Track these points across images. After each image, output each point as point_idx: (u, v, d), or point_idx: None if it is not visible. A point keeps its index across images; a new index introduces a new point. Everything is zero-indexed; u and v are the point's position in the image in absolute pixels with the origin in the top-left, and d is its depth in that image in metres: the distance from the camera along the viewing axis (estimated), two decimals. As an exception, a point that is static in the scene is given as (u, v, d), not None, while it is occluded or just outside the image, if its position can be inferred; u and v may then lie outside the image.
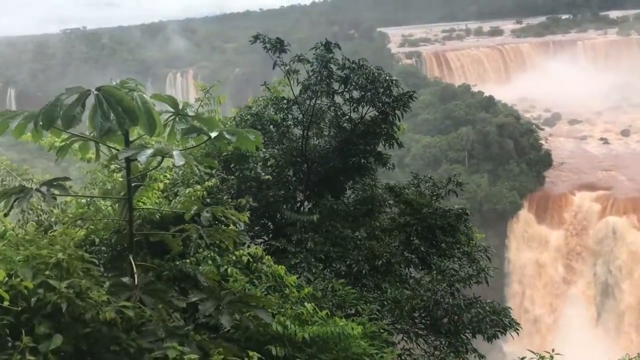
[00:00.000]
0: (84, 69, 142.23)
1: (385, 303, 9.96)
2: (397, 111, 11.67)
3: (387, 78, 11.48)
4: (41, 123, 4.85)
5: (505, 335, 11.04)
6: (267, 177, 10.53)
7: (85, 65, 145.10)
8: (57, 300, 4.26)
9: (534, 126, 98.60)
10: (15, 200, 4.91)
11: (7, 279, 4.22)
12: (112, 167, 8.77)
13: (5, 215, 5.96)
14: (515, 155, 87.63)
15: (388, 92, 11.43)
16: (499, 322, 10.74)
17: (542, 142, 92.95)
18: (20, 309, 4.14)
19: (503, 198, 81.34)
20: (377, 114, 11.83)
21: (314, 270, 9.77)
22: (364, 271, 10.47)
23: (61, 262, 4.63)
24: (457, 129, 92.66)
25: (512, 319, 11.17)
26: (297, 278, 7.82)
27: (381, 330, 8.22)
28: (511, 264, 79.64)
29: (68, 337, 4.27)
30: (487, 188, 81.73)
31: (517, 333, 11.03)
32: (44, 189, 5.04)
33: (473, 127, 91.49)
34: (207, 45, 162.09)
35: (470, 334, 10.72)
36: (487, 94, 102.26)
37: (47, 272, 4.57)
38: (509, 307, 11.57)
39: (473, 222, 12.68)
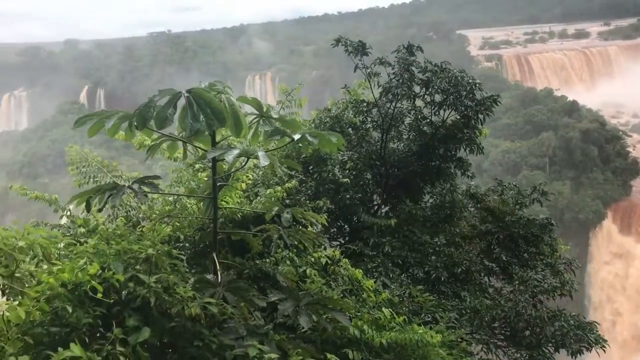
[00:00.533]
0: (168, 70, 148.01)
1: (464, 312, 9.70)
2: (480, 115, 11.37)
3: (470, 81, 11.21)
4: (135, 123, 5.03)
5: (590, 351, 10.49)
6: (345, 179, 10.52)
7: (170, 67, 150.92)
8: (146, 294, 4.41)
9: (620, 133, 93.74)
10: (108, 197, 5.12)
11: (100, 271, 4.39)
12: (197, 166, 9.05)
13: (99, 210, 6.25)
14: (600, 162, 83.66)
15: (471, 95, 11.16)
16: (584, 338, 10.22)
17: (630, 149, 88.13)
18: (112, 301, 4.31)
19: (586, 207, 77.80)
20: (458, 117, 11.58)
21: (390, 275, 9.67)
22: (442, 278, 10.25)
23: (150, 258, 4.80)
24: (538, 135, 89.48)
25: (599, 335, 10.61)
26: (374, 282, 7.75)
27: (460, 340, 8.02)
28: (592, 276, 75.92)
29: (155, 331, 4.41)
30: (569, 196, 78.39)
31: (604, 350, 10.46)
32: (135, 186, 5.23)
33: (555, 132, 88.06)
34: (285, 48, 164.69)
35: (553, 348, 10.25)
36: (570, 98, 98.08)
37: (137, 267, 4.74)
38: (596, 322, 10.97)
39: (555, 230, 12.14)
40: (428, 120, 11.90)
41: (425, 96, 11.57)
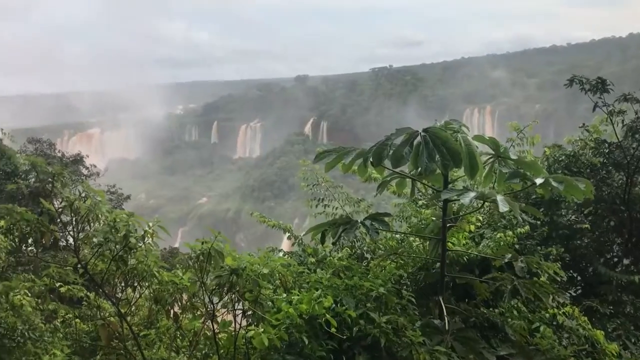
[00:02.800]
0: (387, 104, 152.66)
1: None
2: None
3: None
4: (371, 160, 5.11)
5: None
6: (584, 225, 9.55)
7: (389, 101, 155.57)
8: (377, 334, 4.38)
9: None
10: (342, 231, 5.24)
11: (333, 305, 4.48)
12: (420, 202, 8.95)
13: (333, 244, 6.46)
14: None
15: None
16: None
17: None
18: (344, 337, 4.35)
19: None
20: None
21: (633, 340, 8.46)
22: (700, 351, 8.68)
23: (381, 297, 4.78)
24: None
25: None
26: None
27: None
28: None
29: (382, 372, 4.35)
30: None
31: None
32: (368, 222, 5.29)
33: None
34: (506, 81, 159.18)
35: None
36: None
37: (367, 304, 4.75)
38: None
39: None
40: (686, 163, 10.33)
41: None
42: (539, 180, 5.03)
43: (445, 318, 5.27)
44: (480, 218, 7.85)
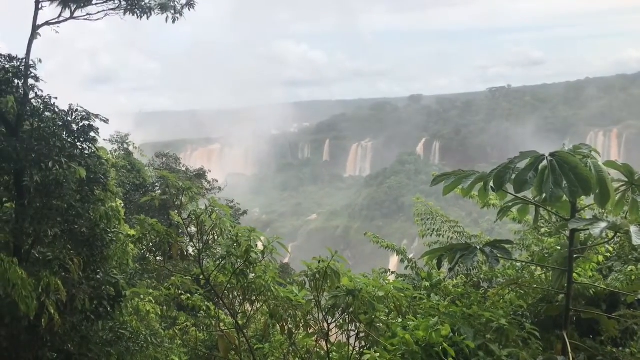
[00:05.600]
0: (504, 125, 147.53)
1: None
2: None
3: None
4: (492, 185, 4.94)
5: None
6: None
7: (506, 122, 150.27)
8: (496, 367, 4.19)
9: None
10: (460, 257, 5.09)
11: (451, 334, 4.35)
12: (543, 230, 8.53)
13: (450, 270, 6.31)
14: None
15: None
16: None
17: None
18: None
19: None
20: None
21: None
22: None
23: (502, 328, 4.58)
24: None
25: None
26: None
27: None
28: None
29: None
30: None
31: None
32: (487, 249, 5.11)
33: None
34: (635, 103, 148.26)
35: None
36: None
37: (487, 335, 4.56)
38: None
39: None
40: None
41: None
42: (681, 212, 4.62)
43: (570, 354, 4.94)
44: (611, 249, 7.33)
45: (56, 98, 7.78)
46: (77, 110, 7.74)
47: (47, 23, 8.92)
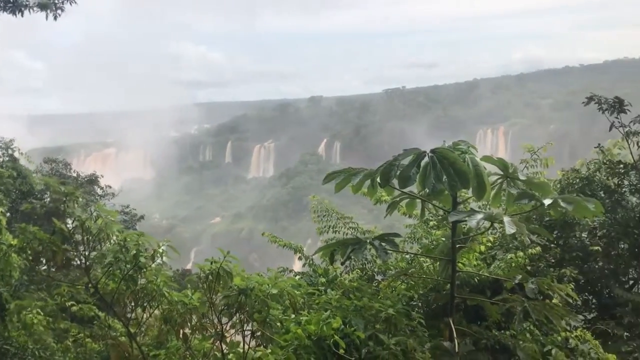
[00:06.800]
0: (400, 124, 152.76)
1: None
2: None
3: None
4: (379, 181, 5.13)
5: None
6: (595, 247, 9.46)
7: (402, 122, 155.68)
8: (386, 356, 4.36)
9: None
10: (351, 251, 5.25)
11: (342, 326, 4.47)
12: (431, 223, 8.94)
13: (342, 264, 6.47)
14: None
15: None
16: None
17: None
18: (353, 359, 4.34)
19: None
20: None
21: (650, 363, 8.31)
22: None
23: (391, 318, 4.76)
24: None
25: None
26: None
27: None
28: None
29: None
30: None
31: None
32: (377, 242, 5.30)
33: None
34: (520, 102, 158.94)
35: None
36: None
37: (376, 326, 4.74)
38: None
39: None
40: None
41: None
42: (547, 201, 5.02)
43: (455, 340, 5.23)
44: (491, 239, 7.81)
45: None
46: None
47: None
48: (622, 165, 10.52)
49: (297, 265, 9.63)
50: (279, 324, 4.77)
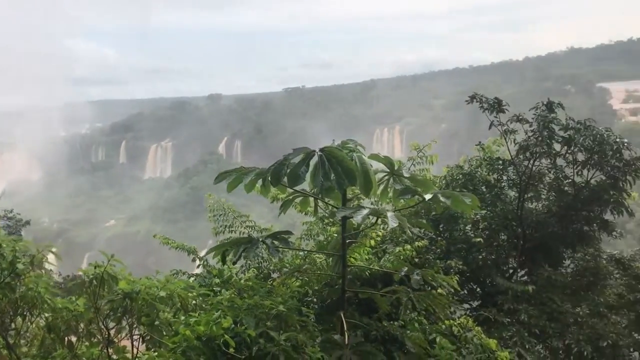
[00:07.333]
0: (300, 123, 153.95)
1: (611, 393, 8.73)
2: (628, 177, 10.50)
3: (617, 140, 10.45)
4: (270, 180, 5.18)
5: None
6: (477, 239, 10.09)
7: (302, 120, 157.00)
8: (276, 352, 4.42)
9: None
10: (243, 250, 5.25)
11: (233, 325, 4.48)
12: (327, 220, 9.13)
13: (234, 263, 6.44)
14: None
15: (618, 155, 10.36)
16: None
17: None
18: (243, 357, 4.35)
19: None
20: (604, 178, 10.76)
21: (527, 346, 8.97)
22: (585, 352, 9.34)
23: (281, 314, 4.82)
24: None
25: None
26: (509, 353, 7.21)
27: None
28: None
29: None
30: None
31: None
32: (269, 241, 5.34)
33: None
34: (414, 102, 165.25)
35: None
36: None
37: (268, 323, 4.78)
38: None
39: None
40: (570, 180, 11.18)
41: (567, 155, 10.91)
42: (428, 196, 5.27)
43: (346, 333, 5.38)
44: (380, 233, 8.10)
45: None
46: None
47: None
48: (500, 162, 11.26)
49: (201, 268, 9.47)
50: (169, 326, 4.69)
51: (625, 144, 10.48)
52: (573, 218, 11.12)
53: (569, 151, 10.83)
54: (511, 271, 11.34)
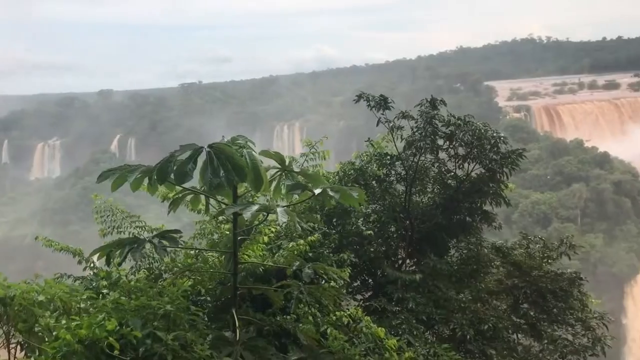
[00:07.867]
0: (198, 120, 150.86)
1: (492, 372, 9.37)
2: (505, 169, 11.28)
3: (495, 135, 11.19)
4: (155, 178, 5.08)
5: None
6: (369, 232, 10.44)
7: (200, 117, 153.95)
8: (163, 352, 4.36)
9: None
10: (128, 251, 5.13)
11: (118, 327, 4.37)
12: (220, 218, 9.06)
13: (119, 264, 6.26)
14: (633, 214, 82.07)
15: (495, 149, 11.11)
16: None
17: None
18: (129, 359, 4.27)
19: (620, 260, 75.81)
20: (483, 171, 11.49)
21: (415, 333, 9.40)
22: (468, 336, 9.94)
23: (169, 314, 4.77)
24: (569, 186, 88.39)
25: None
26: (398, 340, 7.55)
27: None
28: (629, 331, 73.03)
29: (170, 389, 4.33)
30: (602, 249, 76.55)
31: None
32: (156, 240, 5.25)
33: (586, 184, 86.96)
34: (313, 99, 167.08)
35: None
36: (601, 149, 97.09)
37: (155, 323, 4.71)
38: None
39: (585, 284, 11.72)
40: (452, 173, 11.84)
41: (449, 149, 11.56)
42: (317, 191, 5.40)
43: (237, 329, 5.41)
44: (274, 229, 8.17)
45: None
46: None
47: None
48: (388, 157, 11.72)
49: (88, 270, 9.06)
50: (50, 332, 4.49)
51: (502, 138, 11.25)
52: (456, 209, 11.78)
53: (450, 146, 11.46)
54: (400, 261, 11.83)
